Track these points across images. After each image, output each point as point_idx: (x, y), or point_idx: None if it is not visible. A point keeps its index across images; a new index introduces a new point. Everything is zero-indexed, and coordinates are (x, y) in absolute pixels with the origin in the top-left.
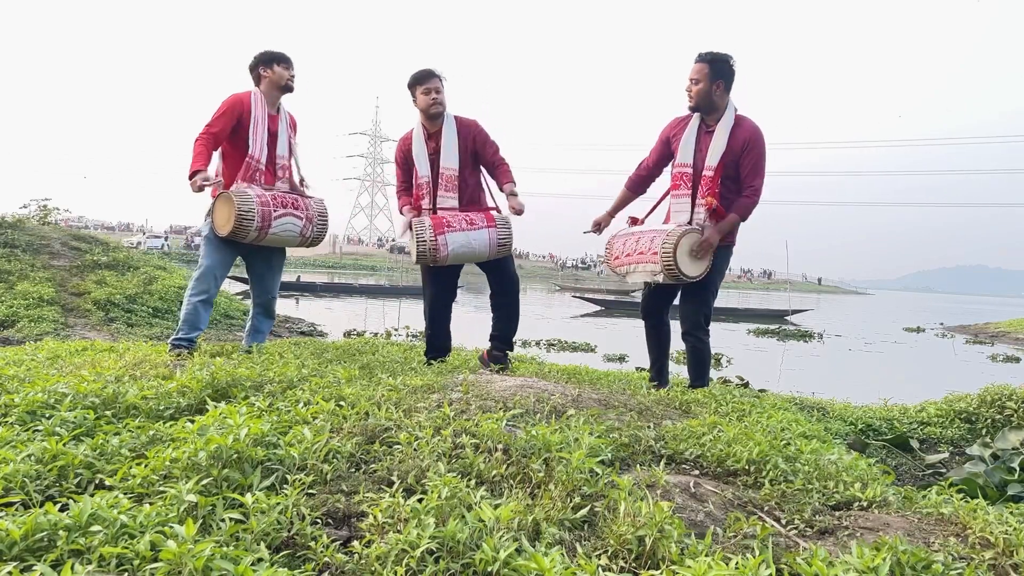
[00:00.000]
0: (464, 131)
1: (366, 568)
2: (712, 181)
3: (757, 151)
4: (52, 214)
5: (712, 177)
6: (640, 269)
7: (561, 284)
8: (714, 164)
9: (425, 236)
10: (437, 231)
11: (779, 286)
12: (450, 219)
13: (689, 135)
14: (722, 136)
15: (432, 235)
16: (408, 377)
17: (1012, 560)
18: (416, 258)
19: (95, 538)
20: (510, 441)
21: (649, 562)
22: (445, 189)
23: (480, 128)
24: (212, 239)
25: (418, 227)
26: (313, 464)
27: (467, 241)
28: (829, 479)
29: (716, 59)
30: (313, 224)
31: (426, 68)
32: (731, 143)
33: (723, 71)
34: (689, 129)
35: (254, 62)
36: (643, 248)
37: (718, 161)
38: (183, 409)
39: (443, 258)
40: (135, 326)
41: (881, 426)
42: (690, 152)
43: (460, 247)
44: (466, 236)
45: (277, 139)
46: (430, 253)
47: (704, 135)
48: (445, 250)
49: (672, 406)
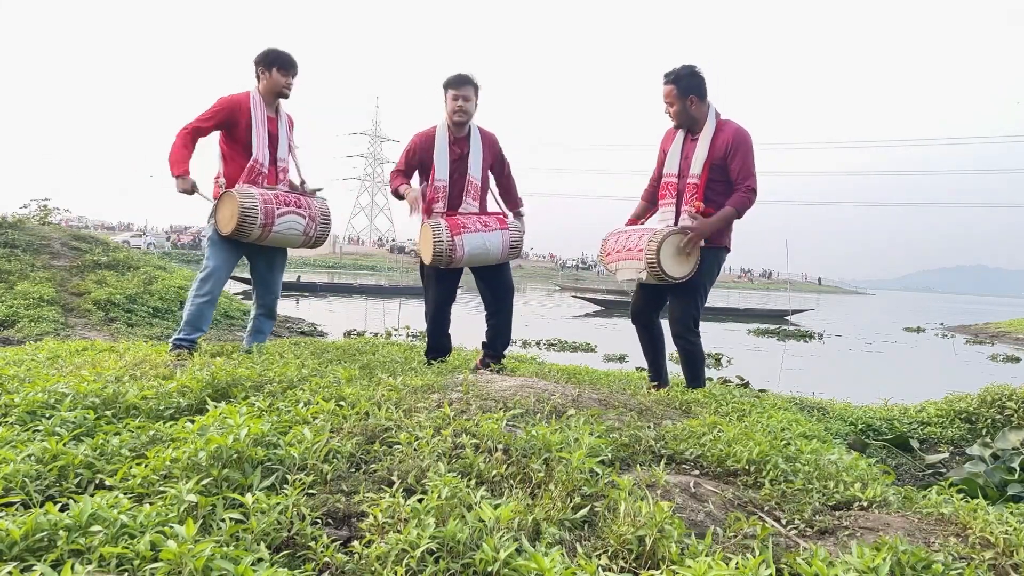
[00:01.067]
0: (487, 143)
1: (366, 568)
2: (697, 187)
3: (743, 151)
4: (52, 214)
5: (697, 184)
6: (626, 266)
7: (561, 284)
8: (698, 171)
9: (443, 237)
10: (454, 232)
11: (779, 286)
12: (465, 221)
13: (676, 145)
14: (704, 143)
15: (449, 236)
16: (408, 377)
17: (1012, 560)
18: (431, 259)
19: (95, 538)
20: (510, 441)
21: (649, 562)
22: (472, 197)
23: (499, 143)
24: (216, 240)
25: (435, 228)
26: (313, 464)
27: (483, 243)
28: (829, 479)
29: (680, 76)
30: (316, 223)
31: (464, 73)
32: (713, 149)
33: (691, 85)
34: (676, 140)
35: (257, 59)
36: (631, 245)
37: (702, 167)
38: (183, 409)
39: (459, 259)
40: (135, 326)
41: (881, 426)
42: (675, 162)
43: (476, 248)
44: (482, 238)
45: (278, 141)
46: (447, 254)
47: (689, 143)
48: (461, 251)
49: (672, 406)
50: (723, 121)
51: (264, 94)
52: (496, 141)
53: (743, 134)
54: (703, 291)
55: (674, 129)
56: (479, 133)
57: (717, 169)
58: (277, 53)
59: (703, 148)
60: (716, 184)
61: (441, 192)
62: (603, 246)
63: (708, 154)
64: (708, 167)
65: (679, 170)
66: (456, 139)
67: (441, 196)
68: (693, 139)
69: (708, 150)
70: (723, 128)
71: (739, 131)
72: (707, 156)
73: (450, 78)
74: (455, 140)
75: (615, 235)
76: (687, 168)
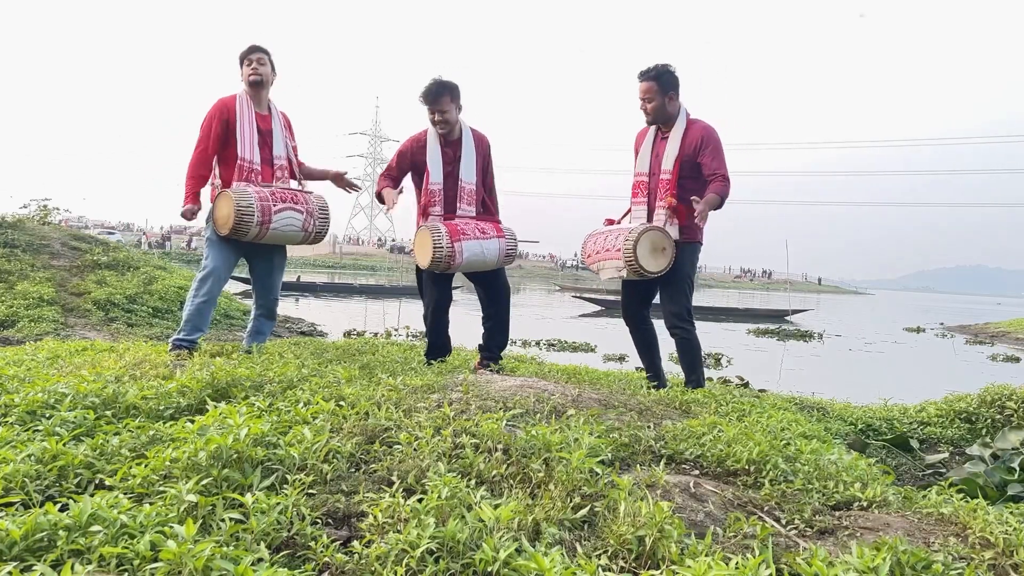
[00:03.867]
0: (479, 146)
1: (366, 568)
2: (669, 183)
3: (713, 146)
4: (52, 214)
5: (669, 180)
6: (607, 266)
7: (561, 284)
8: (670, 167)
9: (443, 243)
10: (453, 239)
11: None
12: (464, 227)
13: (647, 144)
14: (675, 140)
15: (449, 242)
16: (408, 377)
17: (1012, 560)
18: (430, 264)
19: (95, 538)
20: (510, 441)
21: (649, 562)
22: (467, 203)
23: (489, 148)
24: (214, 240)
25: (435, 233)
26: (313, 464)
27: (480, 250)
28: (829, 479)
29: (661, 73)
30: (314, 218)
31: (434, 85)
32: (684, 146)
33: (670, 82)
34: (647, 139)
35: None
36: (609, 246)
37: (673, 164)
38: (183, 409)
39: (456, 265)
40: (135, 326)
41: (881, 426)
42: (646, 161)
43: (473, 255)
44: (480, 245)
45: (271, 137)
46: (445, 261)
47: (660, 142)
48: (460, 258)
49: (672, 406)
50: (693, 120)
51: (248, 91)
52: (487, 144)
53: (711, 131)
54: (689, 282)
55: (647, 125)
56: (471, 134)
57: (687, 166)
58: (242, 49)
59: (674, 145)
60: (686, 181)
61: (437, 196)
62: (584, 248)
63: (679, 150)
64: (679, 163)
65: (650, 168)
66: (448, 142)
67: (438, 200)
68: (664, 137)
69: (679, 147)
70: (693, 126)
71: (707, 128)
72: (678, 152)
73: (421, 93)
74: (447, 143)
75: (594, 236)
76: (658, 166)
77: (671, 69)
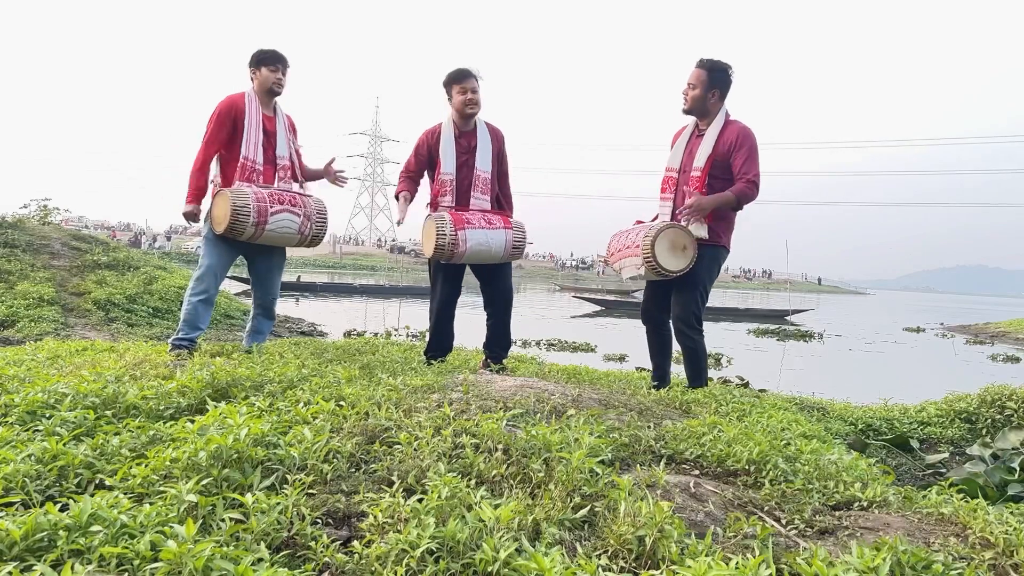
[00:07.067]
0: (494, 137)
1: (366, 568)
2: (699, 180)
3: (748, 147)
4: (52, 214)
5: (699, 177)
6: (627, 263)
7: (561, 284)
8: (701, 165)
9: (446, 230)
10: (457, 227)
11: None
12: (470, 217)
13: (682, 140)
14: (711, 138)
15: (453, 230)
16: (408, 377)
17: (1012, 560)
18: (433, 252)
19: (95, 538)
20: (510, 441)
21: (649, 562)
22: (481, 192)
23: (503, 141)
24: (212, 239)
25: (439, 221)
26: (313, 464)
27: (485, 239)
28: (829, 479)
29: (715, 67)
30: (312, 222)
31: (464, 67)
32: (719, 144)
33: (721, 80)
34: (683, 135)
35: (249, 62)
36: (630, 243)
37: (705, 161)
38: (183, 409)
39: (460, 254)
40: (135, 326)
41: (881, 426)
42: (679, 156)
43: (478, 245)
44: (485, 234)
45: (275, 139)
46: (449, 248)
47: (695, 139)
48: (464, 246)
49: (672, 406)
50: (731, 120)
51: (259, 93)
52: (502, 135)
53: (748, 132)
54: (703, 288)
55: (683, 112)
56: (486, 127)
57: (719, 166)
58: (264, 51)
59: (709, 142)
60: (716, 181)
61: (448, 186)
62: (608, 247)
63: (713, 149)
64: (711, 162)
65: (681, 165)
66: (463, 132)
67: (448, 190)
68: (700, 135)
69: (713, 145)
70: (730, 125)
71: (745, 129)
72: (711, 151)
73: (452, 74)
74: (461, 134)
75: (619, 235)
76: (690, 163)
77: (728, 70)
